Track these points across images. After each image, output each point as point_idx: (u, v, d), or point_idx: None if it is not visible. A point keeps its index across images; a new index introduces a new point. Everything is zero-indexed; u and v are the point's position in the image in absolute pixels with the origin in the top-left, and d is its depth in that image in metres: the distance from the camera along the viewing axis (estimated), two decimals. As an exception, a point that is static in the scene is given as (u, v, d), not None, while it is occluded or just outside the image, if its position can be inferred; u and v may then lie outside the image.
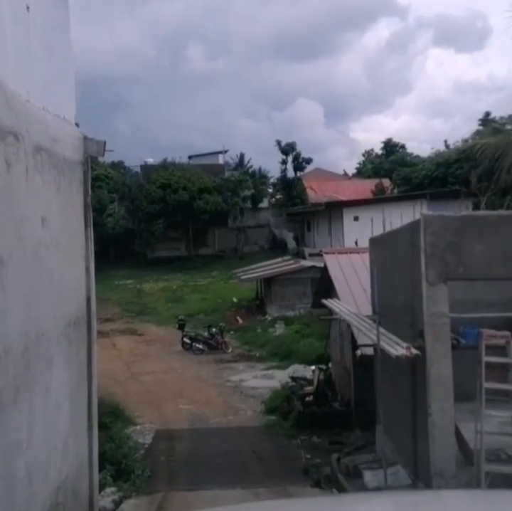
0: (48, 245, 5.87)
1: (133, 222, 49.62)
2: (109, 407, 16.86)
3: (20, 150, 5.09)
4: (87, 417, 7.61)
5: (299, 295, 33.37)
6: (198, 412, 19.24)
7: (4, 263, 4.60)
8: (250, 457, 14.64)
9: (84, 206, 7.67)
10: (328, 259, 16.66)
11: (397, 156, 58.15)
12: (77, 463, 7.06)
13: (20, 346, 4.96)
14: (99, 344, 26.40)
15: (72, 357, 6.87)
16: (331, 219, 42.36)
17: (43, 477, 5.52)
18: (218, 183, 49.99)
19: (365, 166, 64.59)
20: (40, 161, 5.68)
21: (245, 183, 51.25)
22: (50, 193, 6.02)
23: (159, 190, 48.12)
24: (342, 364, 17.47)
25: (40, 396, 5.54)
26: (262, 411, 18.65)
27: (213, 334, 28.02)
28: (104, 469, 12.10)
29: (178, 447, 15.63)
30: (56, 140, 6.35)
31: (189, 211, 48.27)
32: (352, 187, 52.33)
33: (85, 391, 7.56)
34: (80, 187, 7.51)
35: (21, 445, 4.97)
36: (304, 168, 53.93)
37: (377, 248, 12.22)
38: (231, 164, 60.42)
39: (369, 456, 12.20)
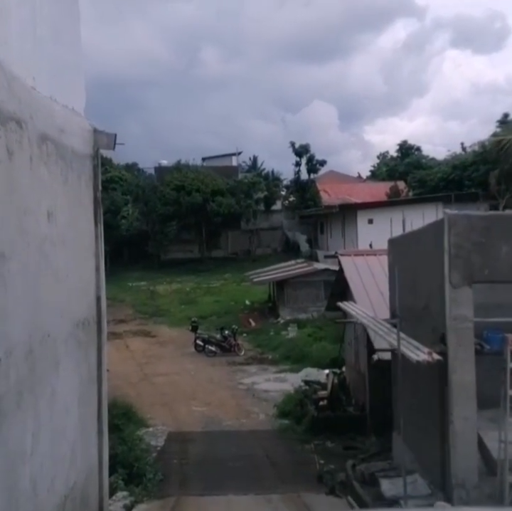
0: (54, 241, 5.52)
1: (146, 224, 49.41)
2: (121, 409, 16.52)
3: (24, 138, 4.74)
4: (96, 421, 7.25)
5: (312, 298, 32.96)
6: (210, 414, 18.85)
7: (6, 258, 4.24)
8: (263, 462, 14.21)
9: (94, 202, 7.33)
10: (344, 261, 16.21)
11: (413, 159, 57.48)
12: (87, 469, 6.69)
13: (23, 349, 4.60)
14: (113, 345, 26.18)
15: (81, 359, 6.52)
16: (345, 222, 41.85)
17: (49, 487, 5.16)
18: (231, 185, 49.65)
19: (379, 169, 63.93)
20: (45, 152, 5.33)
21: (258, 185, 50.87)
22: (56, 186, 5.67)
23: (173, 192, 47.87)
24: (356, 368, 17.00)
25: (46, 400, 5.18)
26: (275, 415, 18.22)
27: (226, 337, 27.65)
28: (115, 472, 11.75)
29: (190, 450, 15.24)
30: (63, 131, 6.00)
31: (202, 213, 47.96)
32: (366, 190, 51.75)
33: (95, 394, 7.20)
34: (90, 182, 7.17)
35: (25, 454, 4.61)
36: (317, 170, 53.39)
37: (396, 249, 11.76)
38: (244, 166, 60.10)
39: (385, 463, 11.75)
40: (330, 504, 10.87)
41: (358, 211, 40.21)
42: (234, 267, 47.49)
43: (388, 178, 56.22)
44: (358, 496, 10.85)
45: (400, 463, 11.53)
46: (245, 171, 57.60)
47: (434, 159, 56.97)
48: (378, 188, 51.71)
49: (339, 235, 43.21)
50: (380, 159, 66.75)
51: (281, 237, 52.76)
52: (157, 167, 55.44)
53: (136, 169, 60.85)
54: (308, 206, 50.14)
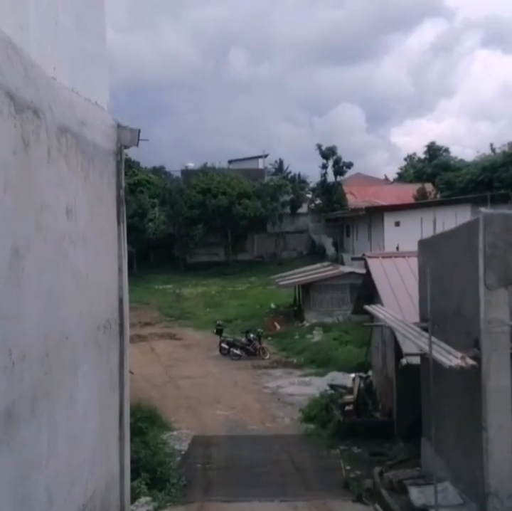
0: (73, 239, 5.26)
1: (173, 227, 49.38)
2: (145, 412, 16.34)
3: (41, 128, 4.48)
4: (118, 426, 6.97)
5: (338, 302, 32.56)
6: (235, 418, 18.55)
7: (20, 255, 3.97)
8: (289, 468, 13.85)
9: (117, 201, 7.06)
10: (371, 263, 15.78)
11: (441, 161, 56.48)
12: (107, 477, 6.42)
13: (39, 351, 4.33)
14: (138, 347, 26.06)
15: (101, 363, 6.24)
16: (371, 224, 41.29)
17: (66, 496, 4.88)
18: (257, 188, 49.36)
19: (407, 171, 62.96)
20: (65, 144, 5.07)
21: (285, 188, 50.51)
22: (76, 182, 5.41)
23: (199, 195, 47.76)
24: (384, 373, 16.55)
25: (63, 405, 4.91)
26: (300, 419, 17.85)
27: (251, 340, 27.34)
28: (139, 477, 11.53)
29: (214, 454, 14.95)
30: (85, 124, 5.75)
31: (228, 216, 47.76)
32: (393, 192, 51.01)
33: (116, 399, 6.93)
34: (113, 179, 6.91)
35: (40, 462, 4.33)
36: (344, 172, 52.74)
37: (427, 250, 11.33)
38: (270, 169, 59.77)
39: (414, 471, 11.32)
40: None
41: (384, 213, 39.64)
42: (259, 270, 47.19)
43: (416, 180, 55.35)
44: (385, 504, 10.45)
45: (429, 471, 11.10)
46: (271, 173, 57.24)
47: (462, 161, 55.95)
48: (405, 190, 50.94)
49: (365, 238, 42.65)
50: (408, 161, 65.80)
51: (307, 240, 52.30)
52: (184, 170, 55.42)
53: (163, 172, 60.93)
54: (335, 209, 49.60)
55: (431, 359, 8.84)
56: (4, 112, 3.82)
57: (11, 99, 3.92)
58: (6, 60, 3.89)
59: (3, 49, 3.87)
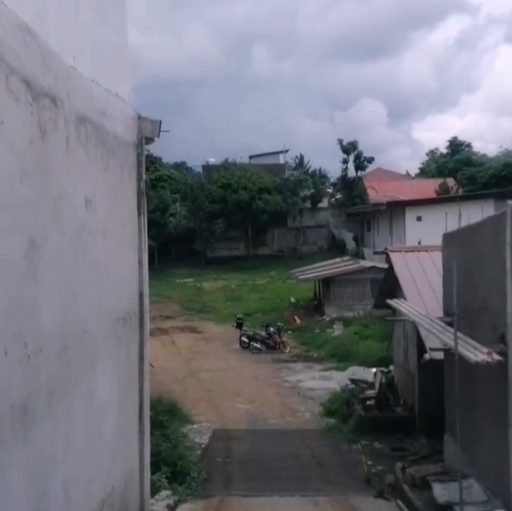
0: (92, 230, 5.12)
1: (194, 221, 49.32)
2: (166, 405, 16.24)
3: (59, 117, 4.34)
4: (138, 420, 6.86)
5: (358, 296, 32.19)
6: (255, 412, 18.39)
7: (36, 246, 3.84)
8: (309, 462, 13.64)
9: (138, 193, 6.93)
10: (394, 257, 15.47)
11: (463, 155, 55.59)
12: (126, 471, 6.30)
13: (56, 345, 4.21)
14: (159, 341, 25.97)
15: (121, 356, 6.12)
16: (393, 219, 40.77)
17: (84, 492, 4.76)
18: (278, 182, 49.05)
19: (428, 166, 62.08)
20: (84, 134, 4.93)
21: (305, 182, 50.13)
22: (96, 173, 5.27)
23: (220, 190, 47.61)
24: (405, 368, 16.26)
25: (81, 400, 4.78)
26: (321, 414, 17.62)
27: (271, 334, 27.13)
28: (159, 470, 11.42)
29: (235, 448, 14.80)
30: (105, 114, 5.60)
31: (249, 211, 47.56)
32: (414, 187, 50.30)
33: (136, 392, 6.81)
34: (133, 171, 6.77)
35: (57, 459, 4.21)
36: (365, 167, 52.15)
37: (452, 244, 11.02)
38: (291, 164, 59.39)
39: (437, 467, 11.05)
40: (378, 507, 10.24)
41: (406, 208, 39.10)
42: (280, 264, 46.93)
43: (438, 175, 54.55)
44: (408, 500, 10.21)
45: (452, 467, 10.84)
46: (292, 169, 56.87)
47: (485, 156, 55.04)
48: (427, 185, 50.24)
49: (386, 233, 42.14)
50: (430, 156, 64.90)
51: (327, 234, 51.90)
52: (205, 165, 55.29)
53: (185, 167, 60.93)
54: (355, 204, 49.11)
55: (456, 354, 8.57)
56: (20, 99, 3.68)
57: (27, 86, 3.78)
58: (23, 46, 3.74)
59: (20, 34, 3.72)
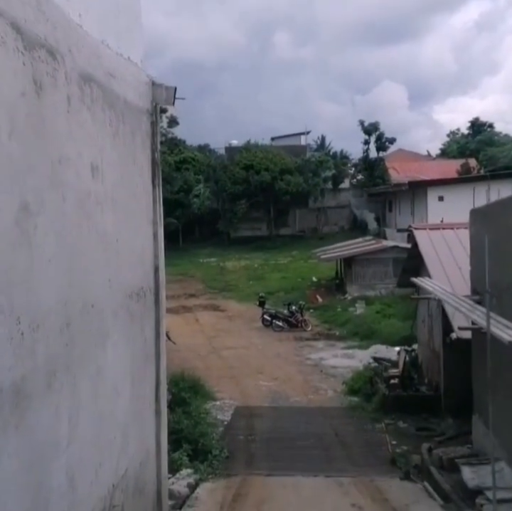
0: (100, 200, 4.64)
1: (217, 202, 48.95)
2: (188, 382, 15.95)
3: (59, 73, 3.84)
4: (154, 399, 6.42)
5: (380, 275, 31.59)
6: (278, 389, 18.00)
7: (31, 212, 3.37)
8: (333, 441, 13.20)
9: (152, 163, 6.42)
10: (418, 235, 14.80)
11: (485, 136, 54.10)
12: (142, 453, 5.89)
13: (57, 321, 3.75)
14: (183, 318, 25.69)
15: (135, 333, 5.68)
16: (414, 199, 39.77)
17: (91, 479, 4.34)
18: (299, 164, 48.25)
19: (450, 147, 60.59)
20: (89, 95, 4.43)
21: (326, 163, 49.25)
22: (104, 138, 4.78)
23: (242, 171, 47.04)
24: (430, 347, 15.67)
25: (89, 380, 4.35)
26: (344, 392, 17.16)
27: (293, 312, 26.69)
28: (180, 448, 11.10)
29: (257, 425, 14.42)
30: (114, 77, 5.09)
31: (271, 192, 46.95)
32: (436, 168, 49.07)
33: (152, 371, 6.37)
34: (147, 140, 6.26)
35: (59, 444, 3.78)
36: (386, 148, 50.96)
37: (480, 220, 10.35)
38: (312, 146, 58.38)
39: (465, 449, 10.52)
40: (405, 490, 9.75)
41: (428, 188, 38.06)
42: (301, 244, 46.42)
43: (459, 156, 53.21)
44: (435, 482, 9.71)
45: (481, 449, 10.30)
46: (313, 150, 55.85)
47: (507, 136, 53.47)
48: (449, 166, 48.98)
49: (408, 213, 41.17)
50: (451, 137, 63.30)
51: (348, 215, 51.02)
52: (227, 147, 54.64)
53: (208, 149, 60.36)
54: (377, 184, 48.11)
55: (488, 333, 7.98)
56: (8, 45, 3.18)
57: (17, 32, 3.28)
58: (12, -14, 3.23)
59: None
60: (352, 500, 8.82)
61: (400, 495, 9.28)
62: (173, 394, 14.28)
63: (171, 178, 49.11)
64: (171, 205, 48.71)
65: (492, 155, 46.95)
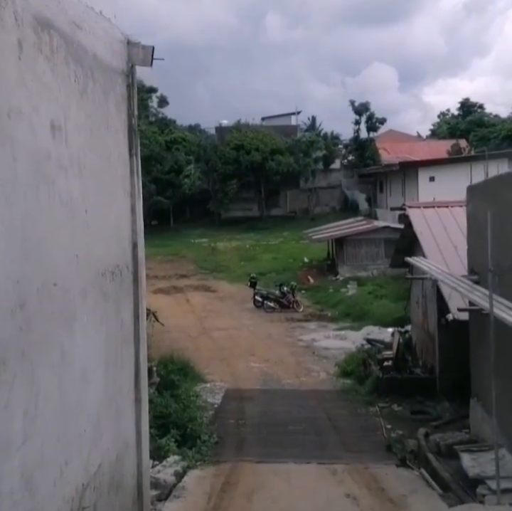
0: (64, 164, 4.05)
1: (208, 183, 48.20)
2: (178, 364, 15.47)
3: (6, 11, 3.23)
4: (133, 387, 5.88)
5: (372, 256, 31.22)
6: (269, 371, 17.57)
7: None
8: (326, 426, 12.74)
9: (129, 130, 5.80)
10: (412, 213, 14.26)
11: (475, 117, 53.41)
12: (118, 446, 5.36)
13: (7, 302, 3.18)
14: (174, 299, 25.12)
15: (109, 315, 5.11)
16: (405, 180, 39.22)
17: (54, 480, 3.80)
18: (290, 144, 47.46)
19: (440, 128, 59.84)
20: (48, 43, 3.81)
21: (317, 144, 48.47)
22: (68, 95, 4.16)
23: (233, 151, 46.23)
24: (424, 328, 15.23)
25: (50, 367, 3.79)
26: (336, 374, 16.75)
27: (285, 293, 26.23)
28: (168, 433, 10.60)
29: (248, 409, 13.96)
30: (80, 28, 4.46)
31: (261, 172, 46.21)
32: (426, 148, 48.45)
33: (131, 355, 5.82)
34: (123, 104, 5.64)
35: (11, 443, 3.23)
36: (377, 128, 50.05)
37: (478, 197, 9.80)
38: (303, 126, 57.51)
39: (463, 434, 10.08)
40: (401, 478, 9.30)
41: (419, 168, 37.50)
42: (292, 225, 45.92)
43: (449, 136, 52.58)
44: (433, 470, 9.27)
45: (479, 434, 9.87)
46: (304, 131, 54.97)
47: (497, 117, 52.84)
48: (439, 146, 48.39)
49: (399, 194, 40.64)
50: (441, 118, 62.54)
51: (339, 196, 50.39)
52: (218, 127, 53.67)
53: (199, 130, 59.41)
54: (368, 165, 47.43)
55: (492, 315, 7.48)
56: None
57: None
58: None
59: None
60: (346, 490, 8.37)
61: (396, 484, 8.83)
62: (161, 377, 13.78)
63: (162, 159, 48.26)
64: (161, 185, 48.00)
65: (483, 135, 46.35)
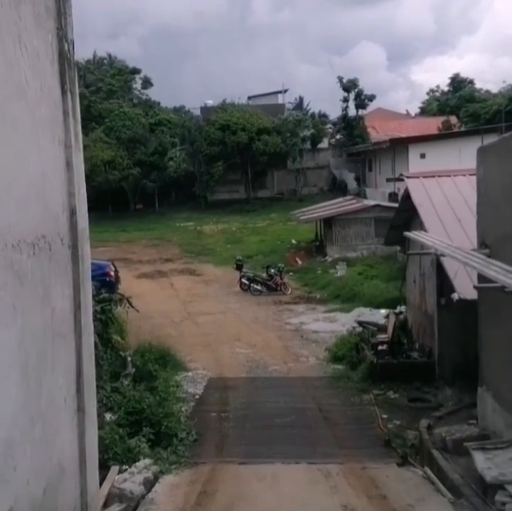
0: None
1: (193, 165, 46.60)
2: (156, 352, 14.14)
3: None
4: (74, 393, 4.51)
5: (362, 236, 30.00)
6: (255, 357, 16.26)
7: None
8: (316, 417, 11.43)
9: (60, 57, 4.35)
10: (411, 184, 12.85)
11: (466, 92, 51.93)
12: (48, 475, 3.99)
13: None
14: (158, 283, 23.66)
15: (26, 303, 3.71)
16: (395, 157, 37.89)
17: None
18: (277, 123, 45.80)
19: (429, 105, 58.31)
20: None
21: (304, 122, 46.86)
22: None
23: (218, 131, 44.56)
24: (422, 309, 13.95)
25: None
26: (327, 359, 15.45)
27: (272, 275, 24.88)
28: (140, 432, 9.26)
29: (232, 400, 12.63)
30: None
31: (248, 153, 44.65)
32: (416, 126, 47.00)
33: (69, 354, 4.45)
34: (48, 20, 4.19)
35: None
36: (366, 106, 48.37)
37: (491, 158, 8.40)
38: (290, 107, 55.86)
39: (472, 428, 8.80)
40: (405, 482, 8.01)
41: (409, 145, 36.17)
42: (280, 207, 44.73)
43: (439, 113, 51.21)
44: (439, 470, 8.00)
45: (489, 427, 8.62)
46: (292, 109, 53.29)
47: (488, 92, 51.44)
48: (429, 123, 47.07)
49: (389, 172, 39.28)
50: (430, 95, 61.01)
51: (327, 176, 48.90)
52: (203, 107, 51.86)
53: (184, 111, 57.63)
54: (356, 144, 45.92)
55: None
56: None
57: None
58: None
59: None
60: (343, 499, 7.07)
61: (400, 490, 7.54)
62: (137, 367, 12.44)
63: (145, 140, 46.60)
64: (146, 168, 46.34)
65: (473, 111, 45.03)
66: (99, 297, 12.13)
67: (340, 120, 48.79)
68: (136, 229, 42.53)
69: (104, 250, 34.26)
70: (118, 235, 40.28)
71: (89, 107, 47.76)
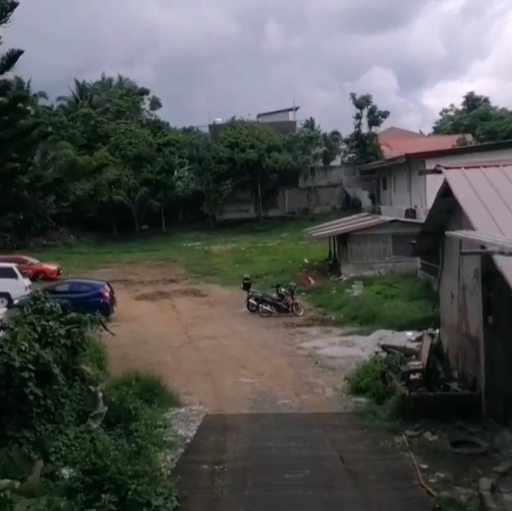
0: None
1: (201, 183, 44.60)
2: (140, 385, 11.56)
3: None
4: None
5: (379, 253, 27.50)
6: (262, 388, 13.69)
7: None
8: (338, 471, 8.71)
9: None
10: (451, 176, 10.28)
11: (480, 110, 49.71)
12: None
13: None
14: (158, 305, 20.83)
15: None
16: (411, 174, 35.34)
17: None
18: (288, 140, 43.78)
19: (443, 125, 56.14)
20: None
21: (316, 139, 44.74)
22: None
23: (227, 149, 42.69)
24: (461, 330, 11.27)
25: None
26: (347, 390, 12.85)
27: (283, 295, 22.37)
28: (97, 501, 6.63)
29: (231, 445, 9.95)
30: None
31: (258, 171, 42.66)
32: (430, 144, 44.60)
33: None
34: None
35: None
36: (379, 123, 46.19)
37: None
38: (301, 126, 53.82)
39: None
40: None
41: (426, 160, 33.58)
42: (291, 226, 42.63)
43: (453, 132, 48.89)
44: None
45: None
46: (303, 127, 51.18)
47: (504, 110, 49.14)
48: (444, 141, 44.67)
49: (405, 190, 36.78)
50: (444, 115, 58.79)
51: (340, 194, 46.54)
52: (211, 125, 50.00)
53: (193, 132, 55.99)
54: (370, 161, 43.66)
55: None
56: None
57: None
58: None
59: None
60: None
61: None
62: (112, 405, 9.80)
63: (151, 158, 44.73)
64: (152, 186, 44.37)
65: (490, 129, 42.74)
66: (65, 317, 9.67)
67: (353, 137, 46.58)
68: (140, 250, 40.50)
69: (105, 272, 32.07)
70: (121, 257, 38.24)
71: (95, 127, 46.20)
